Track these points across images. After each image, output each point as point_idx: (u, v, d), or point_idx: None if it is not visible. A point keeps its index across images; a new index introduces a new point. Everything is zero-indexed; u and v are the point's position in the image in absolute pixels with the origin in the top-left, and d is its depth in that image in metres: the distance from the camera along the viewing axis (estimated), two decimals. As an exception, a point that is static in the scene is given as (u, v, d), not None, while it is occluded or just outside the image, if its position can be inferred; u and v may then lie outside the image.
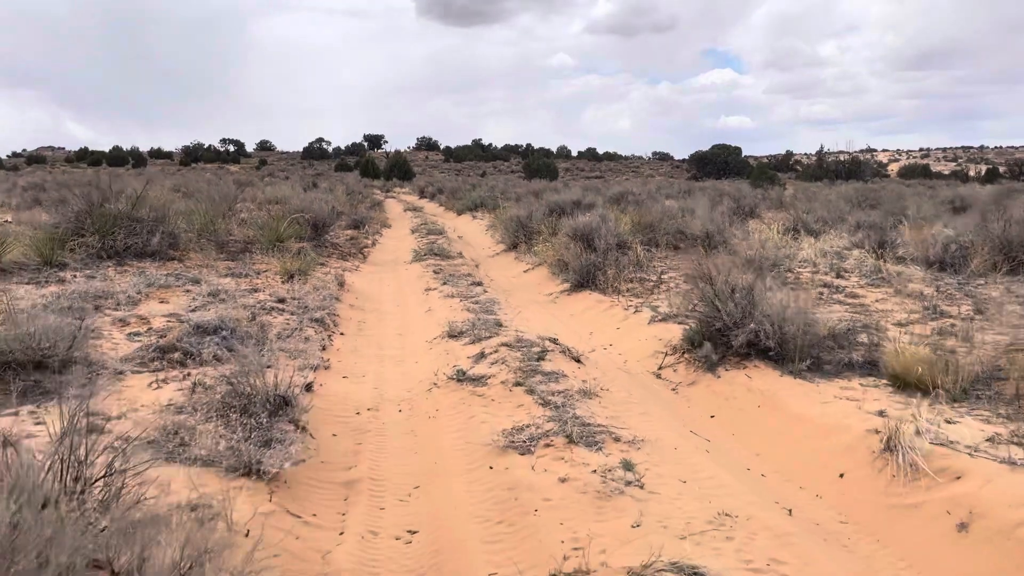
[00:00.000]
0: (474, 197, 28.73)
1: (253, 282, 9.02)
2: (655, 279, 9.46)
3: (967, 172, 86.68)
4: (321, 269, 11.21)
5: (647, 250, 11.32)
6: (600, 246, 9.68)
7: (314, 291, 8.67)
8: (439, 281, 10.52)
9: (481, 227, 21.30)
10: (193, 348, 5.67)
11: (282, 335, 6.52)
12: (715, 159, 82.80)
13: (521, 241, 14.53)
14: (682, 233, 12.75)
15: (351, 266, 12.76)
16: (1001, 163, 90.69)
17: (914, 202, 19.65)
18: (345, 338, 7.16)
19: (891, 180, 63.78)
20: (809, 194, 25.56)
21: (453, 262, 12.87)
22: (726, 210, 17.88)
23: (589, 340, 7.15)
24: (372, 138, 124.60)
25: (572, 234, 10.85)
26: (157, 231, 10.40)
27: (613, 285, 9.08)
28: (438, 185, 43.56)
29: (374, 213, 23.79)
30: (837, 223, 15.75)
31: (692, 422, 4.86)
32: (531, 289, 10.63)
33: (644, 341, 6.73)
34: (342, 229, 17.91)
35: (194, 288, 8.12)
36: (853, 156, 70.55)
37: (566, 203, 16.52)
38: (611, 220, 11.27)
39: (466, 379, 5.23)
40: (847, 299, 8.17)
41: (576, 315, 8.45)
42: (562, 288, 9.86)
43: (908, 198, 20.91)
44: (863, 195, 23.71)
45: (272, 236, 11.95)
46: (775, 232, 14.35)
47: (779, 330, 5.45)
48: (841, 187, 35.36)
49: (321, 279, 9.84)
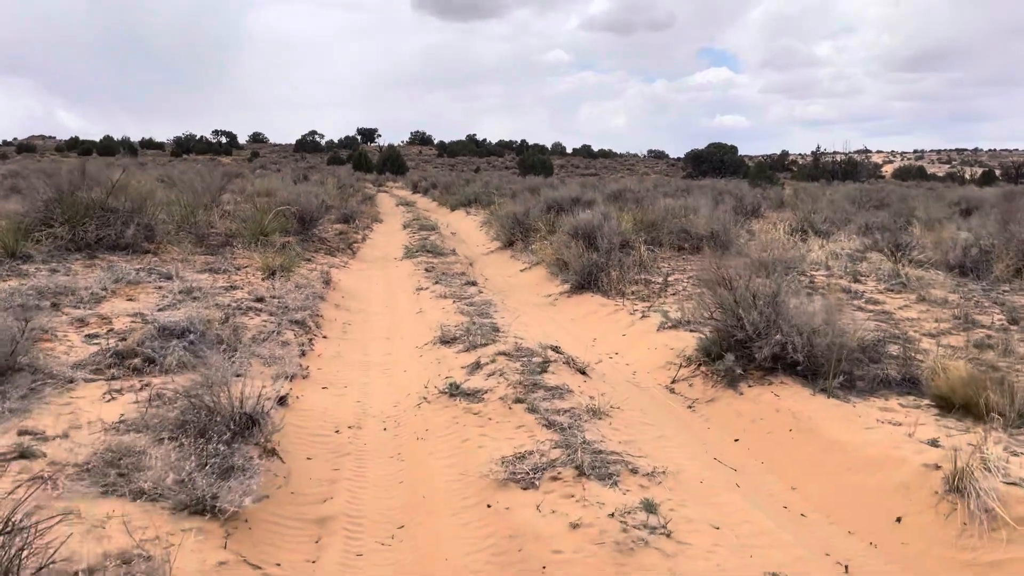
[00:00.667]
0: (468, 193, 28.12)
1: (232, 279, 8.42)
2: (661, 281, 8.90)
3: (963, 174, 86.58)
4: (306, 265, 10.61)
5: (650, 250, 10.77)
6: (603, 246, 9.12)
7: (296, 289, 8.07)
8: (431, 280, 9.94)
9: (475, 223, 20.71)
10: (156, 353, 5.08)
11: (258, 339, 5.93)
12: (711, 158, 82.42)
13: (517, 239, 13.96)
14: (686, 233, 12.20)
15: (339, 262, 12.16)
16: (995, 166, 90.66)
17: (921, 203, 19.17)
18: (328, 342, 6.58)
19: (887, 181, 63.45)
20: (811, 194, 25.05)
21: (446, 260, 12.29)
22: (729, 209, 17.34)
23: (593, 348, 6.58)
24: (365, 132, 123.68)
25: (572, 232, 10.29)
26: (132, 222, 9.78)
27: (617, 287, 8.52)
28: (431, 180, 42.90)
29: (365, 207, 23.17)
30: (844, 224, 15.24)
31: (714, 446, 4.30)
32: (528, 290, 10.06)
33: (654, 350, 6.17)
34: (331, 223, 17.29)
35: (166, 284, 7.52)
36: (849, 157, 70.23)
37: (564, 200, 15.95)
38: (613, 218, 10.71)
39: (460, 394, 4.66)
40: (868, 306, 7.63)
41: (578, 319, 7.89)
42: (562, 289, 9.30)
43: (914, 199, 20.41)
44: (866, 196, 23.21)
45: (255, 230, 11.34)
46: (782, 233, 13.83)
47: (809, 343, 4.90)
48: (840, 187, 34.91)
49: (305, 276, 9.25)
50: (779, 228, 13.99)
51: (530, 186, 25.64)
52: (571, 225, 10.39)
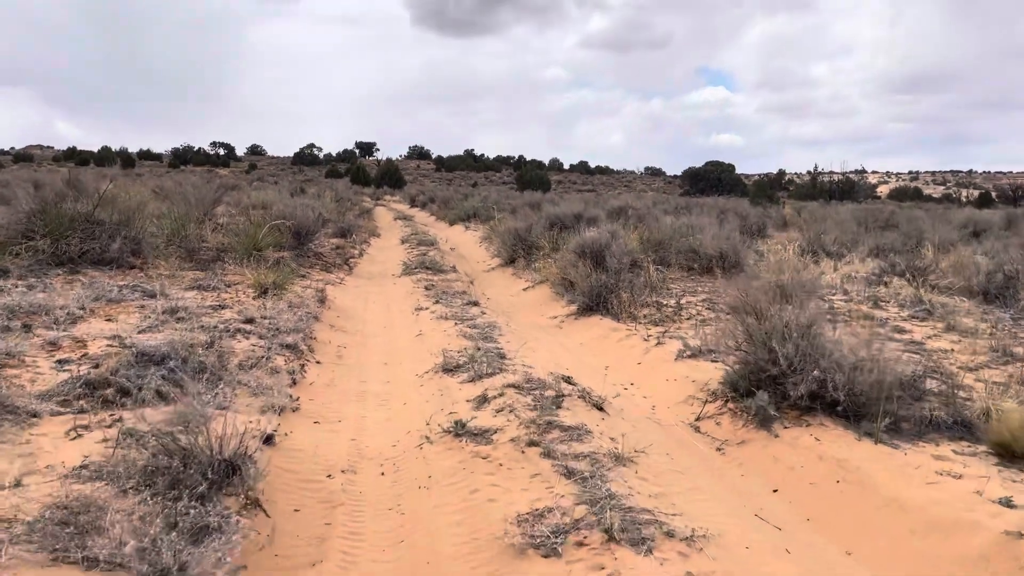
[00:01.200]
0: (467, 207, 27.74)
1: (221, 297, 7.96)
2: (674, 304, 8.46)
3: (959, 196, 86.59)
4: (301, 282, 10.16)
5: (658, 270, 10.34)
6: (612, 266, 8.68)
7: (289, 309, 7.61)
8: (431, 299, 9.49)
9: (475, 238, 20.29)
10: (131, 383, 4.61)
11: (245, 365, 5.47)
12: (708, 176, 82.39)
13: (519, 256, 13.53)
14: (695, 253, 11.78)
15: (335, 279, 11.71)
16: (990, 188, 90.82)
17: (930, 225, 18.80)
18: (321, 368, 6.11)
19: (884, 202, 63.29)
20: (814, 214, 24.70)
21: (446, 277, 11.85)
22: (735, 229, 16.94)
23: (607, 378, 6.13)
24: (364, 145, 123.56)
25: (579, 251, 9.86)
26: (118, 236, 9.32)
27: (628, 310, 8.08)
28: (429, 194, 42.56)
29: (363, 221, 22.74)
30: (854, 245, 14.85)
31: (752, 498, 3.84)
32: (533, 310, 9.62)
33: (673, 382, 5.72)
34: (328, 237, 16.85)
35: (150, 303, 7.05)
36: (846, 176, 70.20)
37: (567, 216, 15.54)
38: (621, 237, 10.29)
39: (466, 433, 4.19)
40: (895, 335, 7.20)
41: (587, 344, 7.44)
42: (568, 311, 8.85)
43: (922, 221, 20.05)
44: (871, 216, 22.87)
45: (248, 244, 10.89)
46: (792, 254, 13.43)
47: (850, 379, 4.45)
48: (838, 207, 34.65)
49: (299, 294, 8.79)
50: (789, 249, 13.59)
51: (530, 201, 25.26)
52: (577, 243, 9.97)
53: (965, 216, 23.56)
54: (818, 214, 24.77)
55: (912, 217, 21.15)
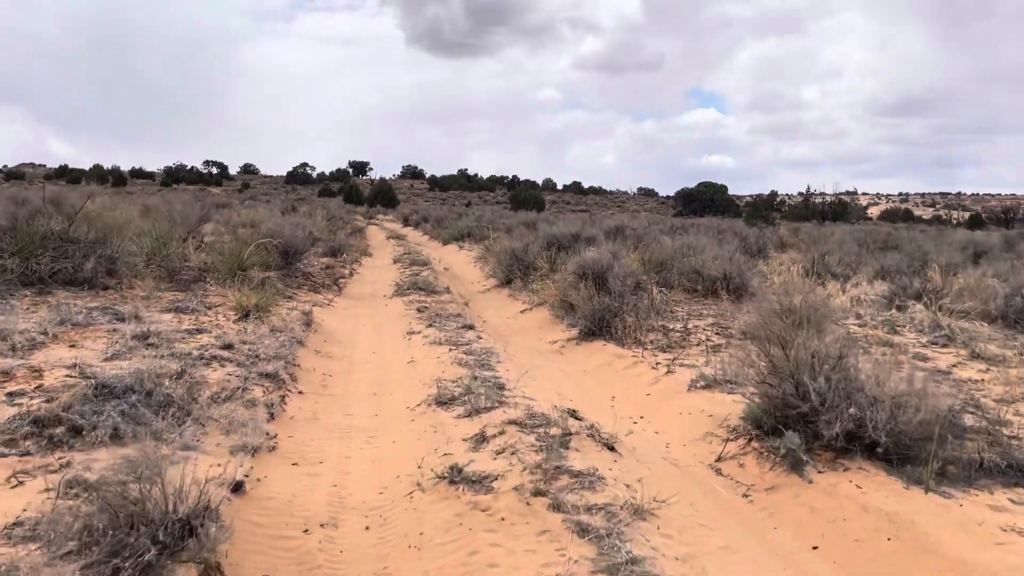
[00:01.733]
0: (461, 226, 27.36)
1: (199, 320, 7.46)
2: (681, 329, 8.00)
3: (950, 218, 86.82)
4: (287, 304, 9.67)
5: (661, 292, 9.89)
6: (616, 288, 8.22)
7: (272, 334, 7.12)
8: (424, 322, 9.01)
9: (469, 258, 19.85)
10: (84, 420, 4.11)
11: (219, 397, 4.97)
12: (701, 197, 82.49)
13: (516, 276, 13.07)
14: (698, 274, 11.35)
15: (323, 300, 11.22)
16: (979, 210, 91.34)
17: (932, 246, 18.46)
18: (304, 399, 5.61)
19: (876, 223, 63.19)
20: (811, 235, 24.36)
21: (440, 298, 11.38)
22: (735, 249, 16.55)
23: (614, 409, 5.65)
24: (357, 164, 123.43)
25: (579, 272, 9.40)
26: (92, 255, 8.83)
27: (633, 335, 7.61)
28: (423, 213, 42.18)
29: (354, 240, 22.29)
30: (858, 267, 14.46)
31: (790, 558, 3.36)
32: (531, 334, 9.14)
33: (687, 416, 5.24)
34: (318, 257, 16.38)
35: (121, 327, 6.54)
36: (839, 198, 70.23)
37: (564, 236, 15.11)
38: (623, 257, 9.84)
39: (463, 480, 3.70)
40: (918, 363, 6.75)
41: (591, 372, 6.96)
42: (569, 335, 8.38)
43: (923, 242, 19.72)
44: (870, 237, 22.55)
45: (232, 264, 10.40)
46: (795, 275, 13.02)
47: (893, 418, 3.99)
48: (832, 228, 34.41)
49: (284, 317, 8.29)
50: (793, 270, 13.18)
51: (526, 221, 24.87)
52: (577, 264, 9.51)
53: (964, 237, 23.27)
54: (816, 235, 24.44)
55: (913, 238, 20.82)
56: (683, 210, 78.34)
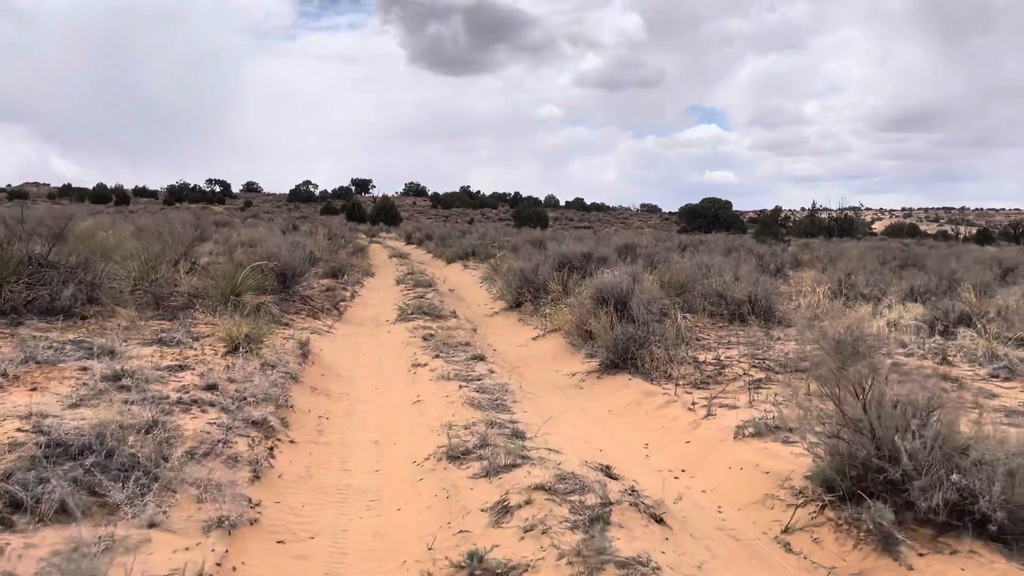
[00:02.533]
0: (465, 245, 26.71)
1: (184, 354, 6.77)
2: (713, 360, 7.29)
3: (957, 233, 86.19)
4: (283, 332, 8.99)
5: (684, 318, 9.19)
6: (640, 316, 7.51)
7: (262, 371, 6.42)
8: (430, 352, 8.31)
9: (474, 278, 19.17)
10: (27, 493, 3.41)
11: (196, 453, 4.27)
12: (706, 213, 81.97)
13: (526, 299, 12.39)
14: (721, 297, 10.65)
15: (322, 326, 10.53)
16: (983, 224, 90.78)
17: (958, 264, 17.75)
18: (295, 450, 4.91)
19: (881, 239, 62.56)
20: (830, 252, 23.66)
21: (446, 324, 10.68)
22: (753, 269, 15.86)
23: (649, 461, 4.95)
24: (360, 182, 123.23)
25: (597, 297, 8.71)
26: (72, 281, 8.16)
27: (662, 369, 6.90)
28: (426, 231, 41.57)
29: (356, 260, 21.64)
30: (885, 287, 13.75)
31: None
32: (546, 365, 8.44)
33: (739, 471, 4.53)
34: (318, 278, 15.72)
35: (93, 366, 5.85)
36: (845, 213, 69.75)
37: (575, 256, 14.43)
38: (645, 280, 9.15)
39: (485, 573, 2.99)
40: (988, 402, 6.03)
41: (618, 412, 6.25)
42: (589, 367, 7.67)
43: (945, 259, 18.99)
44: (888, 254, 21.86)
45: (225, 289, 9.72)
46: (822, 296, 12.32)
47: (1009, 489, 3.27)
48: (844, 244, 33.79)
49: (278, 348, 7.61)
50: (819, 291, 12.48)
51: (532, 239, 24.21)
52: (596, 288, 8.82)
53: (984, 254, 22.56)
54: (832, 252, 23.75)
55: (935, 255, 20.11)
56: (688, 226, 77.84)
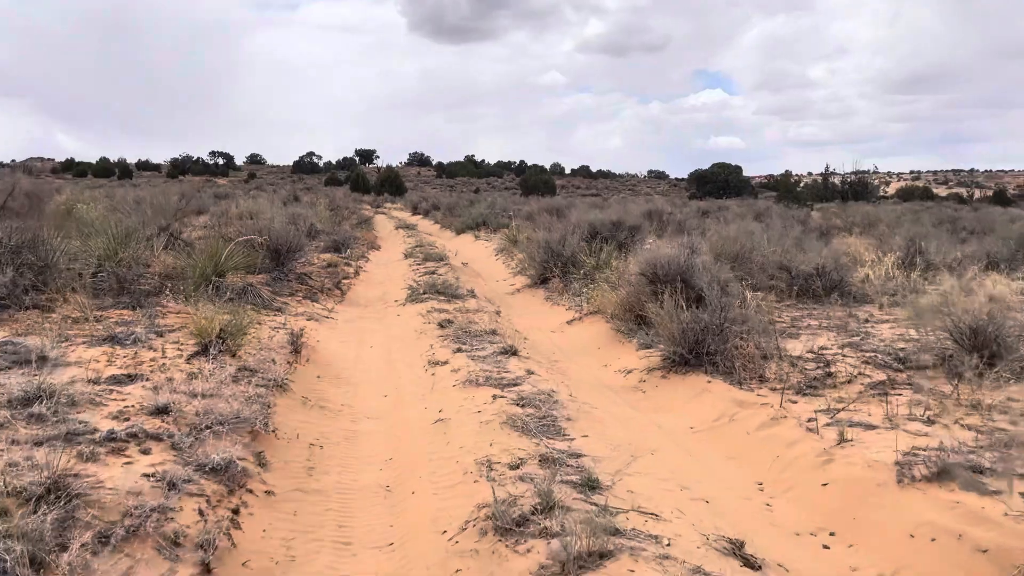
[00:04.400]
0: (475, 214, 25.11)
1: (139, 357, 5.30)
2: (811, 355, 5.77)
3: (972, 195, 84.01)
4: (272, 319, 7.52)
5: (755, 297, 7.67)
6: (712, 300, 5.96)
7: (237, 379, 4.94)
8: (449, 343, 6.83)
9: (488, 250, 17.67)
10: None
11: (112, 535, 2.80)
12: (715, 178, 79.89)
13: (552, 274, 10.87)
14: (785, 270, 9.12)
15: (321, 310, 9.06)
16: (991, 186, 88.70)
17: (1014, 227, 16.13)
18: (273, 508, 3.44)
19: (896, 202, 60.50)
20: (869, 216, 21.95)
21: (464, 305, 9.19)
22: (798, 235, 14.28)
23: (772, 515, 3.47)
24: (364, 153, 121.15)
25: (649, 274, 7.20)
26: (12, 264, 6.68)
27: (751, 368, 5.40)
28: (432, 201, 39.92)
29: (361, 232, 20.09)
30: (958, 255, 12.18)
31: None
32: (590, 358, 6.95)
33: (931, 544, 3.04)
34: (318, 252, 14.21)
35: (6, 381, 4.38)
36: (860, 176, 67.79)
37: (603, 224, 12.88)
38: (704, 253, 7.61)
39: None
40: None
41: (703, 431, 4.75)
42: (648, 362, 6.17)
43: (1003, 224, 17.36)
44: (935, 218, 20.23)
45: (204, 269, 8.23)
46: (890, 266, 10.77)
47: None
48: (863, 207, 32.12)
49: (264, 343, 6.14)
50: (887, 260, 10.92)
51: (547, 207, 22.62)
52: (647, 263, 7.29)
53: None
54: (869, 216, 22.06)
55: (1006, 219, 18.43)
56: (698, 192, 75.81)
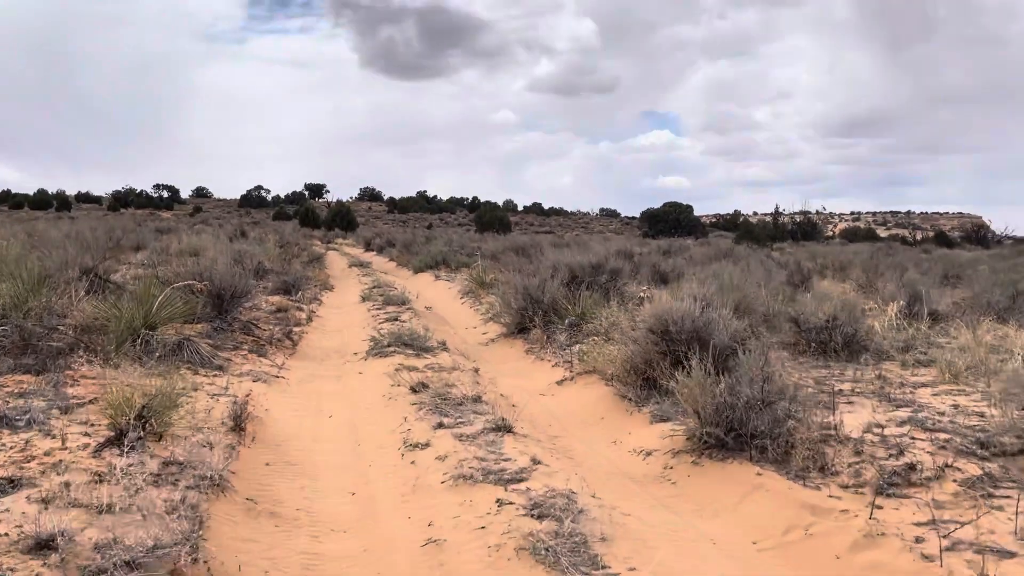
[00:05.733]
0: (433, 252, 23.95)
1: (30, 449, 4.03)
2: (880, 442, 4.77)
3: (914, 236, 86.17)
4: (212, 383, 6.28)
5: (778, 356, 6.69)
6: (751, 366, 4.94)
7: (156, 483, 3.72)
8: (427, 415, 5.68)
9: (452, 292, 16.52)
10: None
11: None
12: (666, 217, 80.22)
13: (532, 323, 9.80)
14: (794, 323, 8.23)
15: (270, 367, 7.83)
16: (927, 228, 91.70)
17: (993, 272, 15.71)
18: None
19: (842, 242, 61.34)
20: (832, 257, 21.51)
21: (436, 360, 8.06)
22: (784, 280, 13.53)
23: None
24: (313, 187, 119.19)
25: (659, 330, 6.18)
26: None
27: (807, 454, 4.36)
28: (387, 237, 38.63)
29: (313, 271, 18.77)
30: (943, 300, 11.51)
31: None
32: (594, 431, 5.86)
33: None
34: (266, 294, 12.92)
35: None
36: (808, 217, 68.84)
37: (581, 267, 11.91)
38: (718, 306, 6.63)
39: None
40: None
41: (773, 549, 3.68)
42: (671, 442, 5.10)
43: (981, 266, 16.97)
44: (910, 261, 19.84)
45: (132, 321, 6.95)
46: (893, 317, 9.98)
47: None
48: (842, 248, 32.11)
49: (198, 421, 4.91)
50: (890, 309, 10.14)
51: (515, 246, 21.61)
52: (656, 319, 6.27)
53: (1008, 263, 20.67)
54: (838, 258, 21.61)
55: (964, 260, 18.08)
56: (650, 231, 75.91)
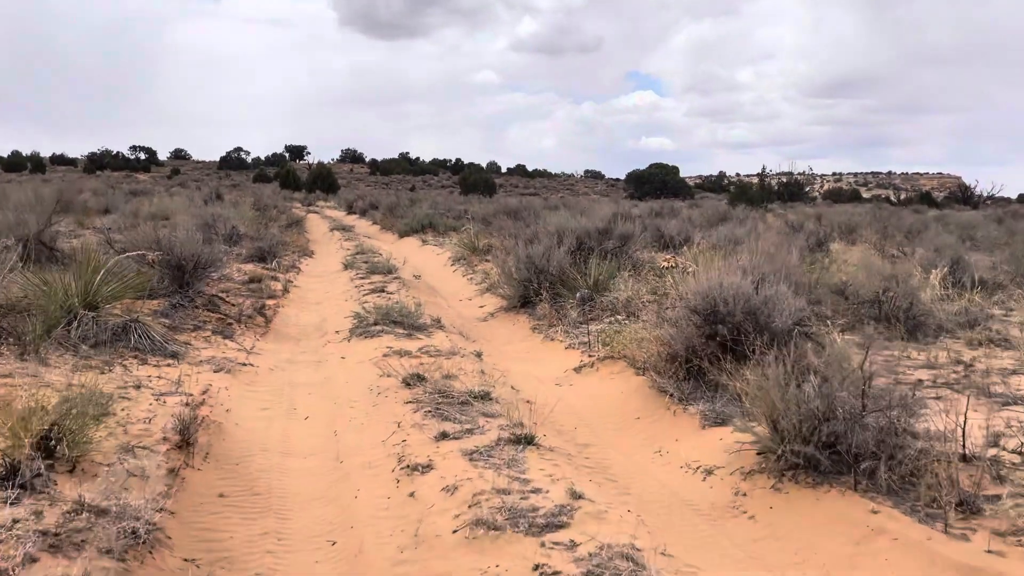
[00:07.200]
0: (419, 216, 22.64)
1: None
2: (1018, 453, 3.73)
3: (899, 196, 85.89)
4: (160, 377, 5.15)
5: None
6: (837, 370, 3.86)
7: (52, 546, 2.61)
8: (426, 422, 4.59)
9: (440, 258, 15.35)
10: None
11: None
12: (652, 179, 79.10)
13: (535, 295, 8.69)
14: (841, 294, 7.19)
15: (236, 352, 6.70)
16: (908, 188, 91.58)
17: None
18: None
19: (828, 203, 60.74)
20: (833, 219, 20.50)
21: (432, 342, 6.96)
22: (803, 246, 12.47)
23: None
24: (294, 149, 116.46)
25: (705, 312, 5.10)
26: None
27: (937, 482, 3.32)
28: (370, 199, 37.15)
29: (291, 236, 17.49)
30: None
31: None
32: (629, 434, 4.80)
33: None
34: (239, 262, 11.72)
35: None
36: (795, 178, 68.14)
37: (588, 233, 10.79)
38: (773, 281, 5.54)
39: None
40: None
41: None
42: (739, 459, 4.05)
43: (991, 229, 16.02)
44: (926, 222, 18.89)
45: (67, 300, 5.76)
46: (938, 287, 8.98)
47: None
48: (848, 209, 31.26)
49: (133, 435, 3.79)
50: (933, 277, 9.13)
51: (507, 209, 20.40)
52: (701, 298, 5.18)
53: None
54: (844, 219, 20.61)
55: (958, 223, 17.11)
56: (636, 192, 74.75)
